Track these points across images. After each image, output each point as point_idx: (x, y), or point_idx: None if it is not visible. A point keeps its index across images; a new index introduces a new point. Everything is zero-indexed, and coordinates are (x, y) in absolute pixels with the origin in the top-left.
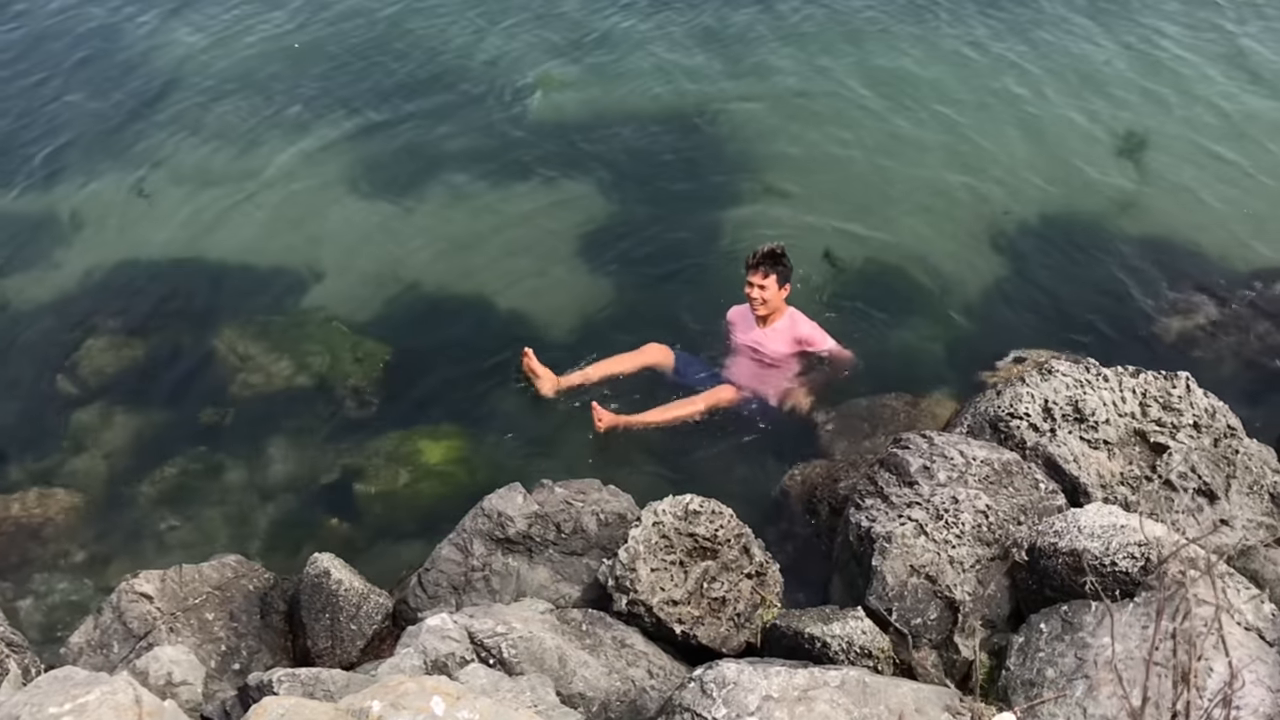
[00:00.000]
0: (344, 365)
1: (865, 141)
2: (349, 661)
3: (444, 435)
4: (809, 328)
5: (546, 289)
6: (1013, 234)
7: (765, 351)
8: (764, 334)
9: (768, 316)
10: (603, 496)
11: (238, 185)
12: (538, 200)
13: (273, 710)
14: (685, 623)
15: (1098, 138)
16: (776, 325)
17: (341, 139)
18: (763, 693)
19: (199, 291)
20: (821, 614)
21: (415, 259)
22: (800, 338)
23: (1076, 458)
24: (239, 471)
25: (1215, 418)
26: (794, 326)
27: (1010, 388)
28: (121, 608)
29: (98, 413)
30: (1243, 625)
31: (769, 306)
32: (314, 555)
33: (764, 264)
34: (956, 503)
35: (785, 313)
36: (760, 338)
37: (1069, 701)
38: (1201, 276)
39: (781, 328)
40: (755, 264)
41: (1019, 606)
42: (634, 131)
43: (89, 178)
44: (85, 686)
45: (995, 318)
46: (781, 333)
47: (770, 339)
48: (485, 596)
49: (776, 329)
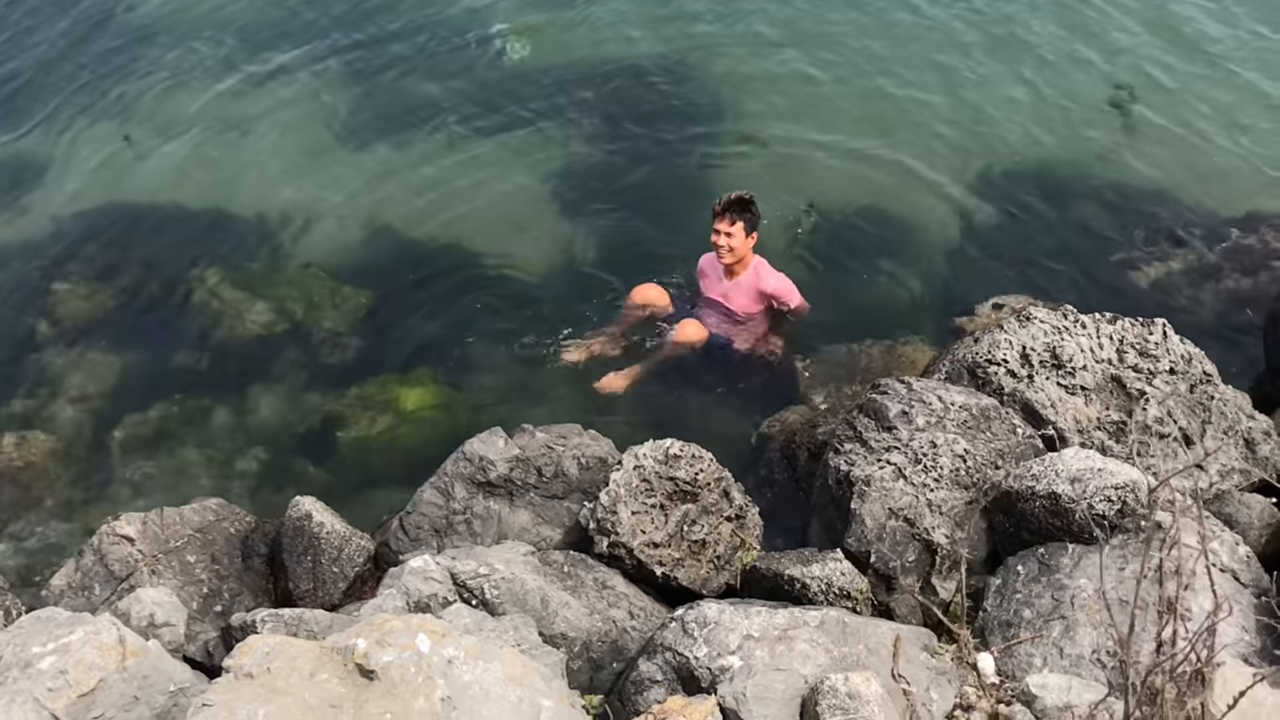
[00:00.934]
0: (323, 311)
1: (845, 89)
2: (331, 603)
3: (424, 380)
4: (776, 281)
5: (524, 235)
6: (994, 182)
7: (732, 307)
8: (731, 286)
9: (734, 267)
10: (584, 441)
11: (215, 132)
12: (515, 147)
13: (258, 648)
14: (666, 565)
15: (1086, 86)
16: (741, 279)
17: (320, 86)
18: (743, 632)
19: (177, 237)
20: (801, 556)
21: (393, 205)
22: (767, 291)
23: (1054, 403)
24: (220, 416)
25: (1191, 364)
26: (760, 279)
27: (988, 334)
28: (103, 550)
29: (76, 358)
30: (1218, 567)
31: (736, 254)
32: (296, 498)
33: (731, 211)
34: (935, 447)
35: (751, 264)
36: (728, 290)
37: (1045, 641)
38: (1180, 225)
39: (747, 281)
40: (722, 211)
41: (997, 549)
42: (610, 78)
43: (65, 123)
44: (69, 626)
45: (975, 265)
46: (747, 286)
47: (737, 293)
48: (466, 539)
49: (741, 283)
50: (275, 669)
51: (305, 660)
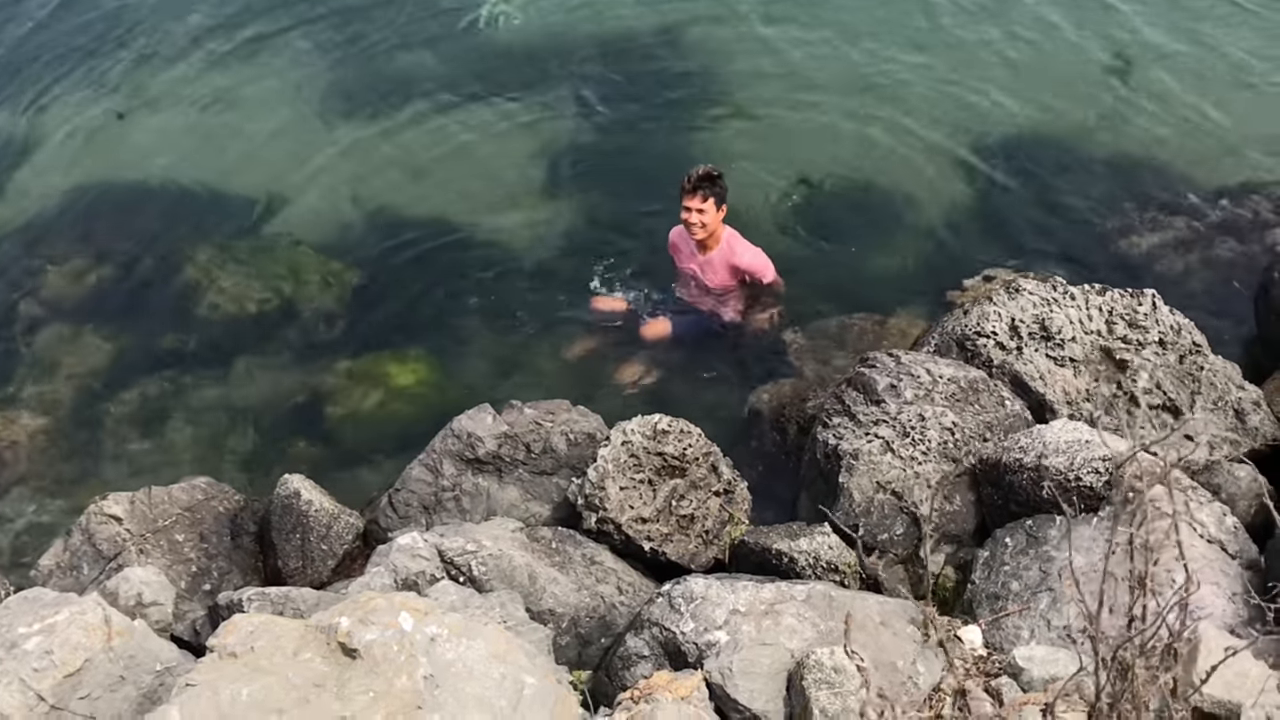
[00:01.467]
0: (312, 288)
1: (837, 60)
2: (320, 581)
3: (413, 357)
4: (750, 256)
5: (515, 209)
6: (986, 152)
7: (708, 281)
8: (704, 261)
9: (707, 241)
10: (572, 417)
11: (203, 108)
12: (506, 120)
13: (243, 627)
14: (654, 540)
15: (1081, 56)
16: (714, 254)
17: (310, 59)
18: (730, 607)
19: (165, 215)
20: (789, 530)
21: (383, 182)
22: (741, 266)
23: (1043, 375)
24: (208, 394)
25: (1181, 334)
26: (734, 253)
27: (978, 306)
28: (91, 530)
29: (64, 336)
30: (1205, 538)
31: (707, 230)
32: (284, 476)
33: (701, 186)
34: (923, 420)
35: (724, 238)
36: (702, 264)
37: (1033, 614)
38: (1173, 195)
39: (720, 256)
40: (692, 188)
41: (984, 521)
42: (600, 52)
43: (50, 101)
44: (54, 607)
45: (966, 236)
46: (721, 261)
47: (710, 268)
48: (455, 516)
49: (714, 258)
50: (259, 648)
51: (289, 639)
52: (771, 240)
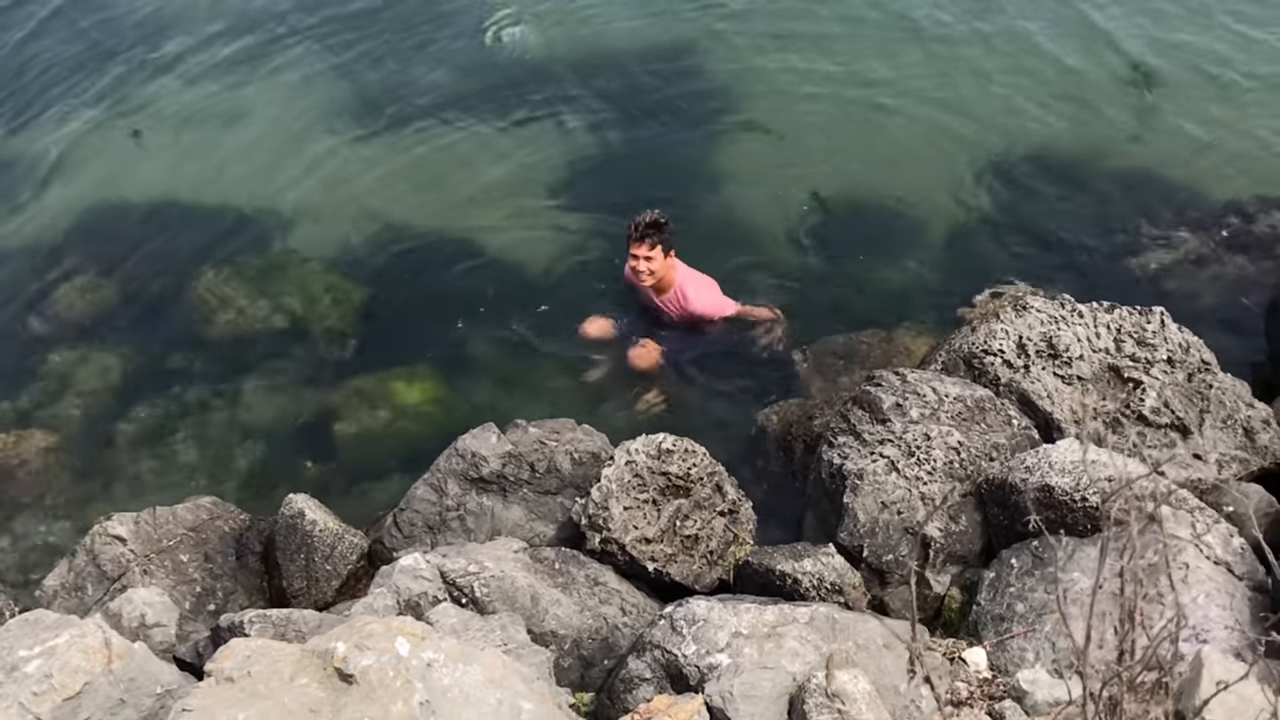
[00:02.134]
0: (320, 307)
1: (847, 76)
2: (324, 601)
3: (419, 376)
4: (703, 303)
5: (524, 228)
6: (996, 169)
7: (670, 315)
8: (662, 300)
9: (659, 285)
10: (576, 436)
11: (214, 127)
12: (515, 138)
13: (240, 651)
14: (658, 560)
15: (1093, 70)
16: (668, 297)
17: (319, 79)
18: (732, 629)
19: (175, 233)
20: (793, 551)
21: (390, 200)
22: (694, 312)
23: (1050, 394)
24: (215, 413)
25: (1189, 353)
26: (685, 299)
27: (985, 324)
28: (95, 550)
29: (73, 355)
30: (1211, 559)
31: (656, 277)
32: (289, 496)
33: (648, 234)
34: (928, 439)
35: (675, 282)
36: (660, 303)
37: (1038, 636)
38: (1185, 211)
39: (675, 300)
40: (639, 236)
41: (990, 542)
42: (612, 68)
43: (62, 121)
44: (54, 630)
45: (975, 253)
46: (677, 306)
47: (669, 306)
48: (460, 536)
49: (668, 301)
50: (256, 673)
51: (286, 664)
52: (780, 255)
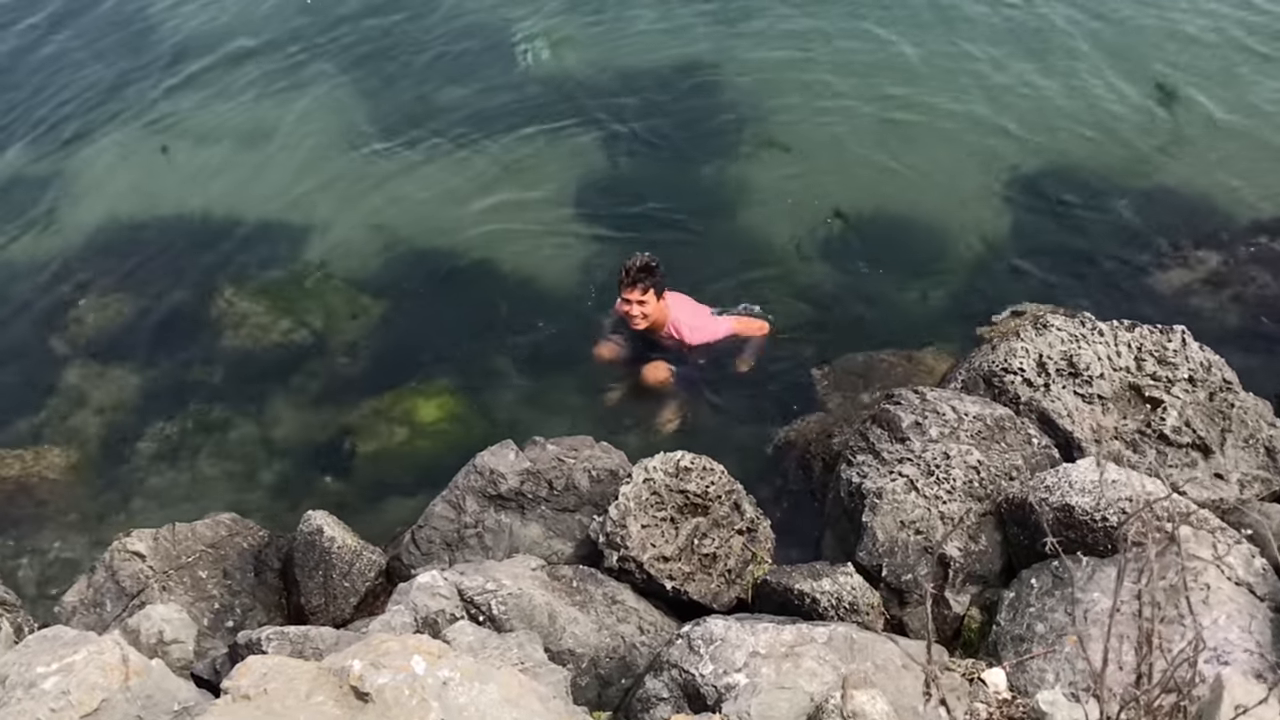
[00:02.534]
0: (339, 323)
1: (867, 94)
2: (342, 618)
3: (438, 392)
4: (700, 337)
5: (544, 246)
6: (1016, 187)
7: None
8: (657, 337)
9: (652, 326)
10: (595, 453)
11: (235, 143)
12: (536, 157)
13: (256, 669)
14: (676, 579)
15: (1118, 88)
16: (662, 334)
17: (343, 96)
18: (750, 649)
19: (195, 249)
20: (812, 570)
21: (413, 216)
22: (695, 345)
23: (1070, 413)
24: (234, 429)
25: (1211, 371)
26: (683, 336)
27: (1005, 343)
28: (114, 566)
29: (93, 371)
30: (1233, 580)
31: (648, 320)
32: (308, 513)
33: (640, 279)
34: (948, 458)
35: (668, 321)
36: (656, 338)
37: (1058, 657)
38: (1208, 229)
39: (670, 338)
40: (630, 282)
41: (1010, 562)
42: (633, 86)
43: (83, 137)
44: (73, 646)
45: (997, 271)
46: (673, 344)
47: (664, 342)
48: (478, 553)
49: (662, 337)
50: (272, 690)
51: (302, 681)
52: (801, 273)
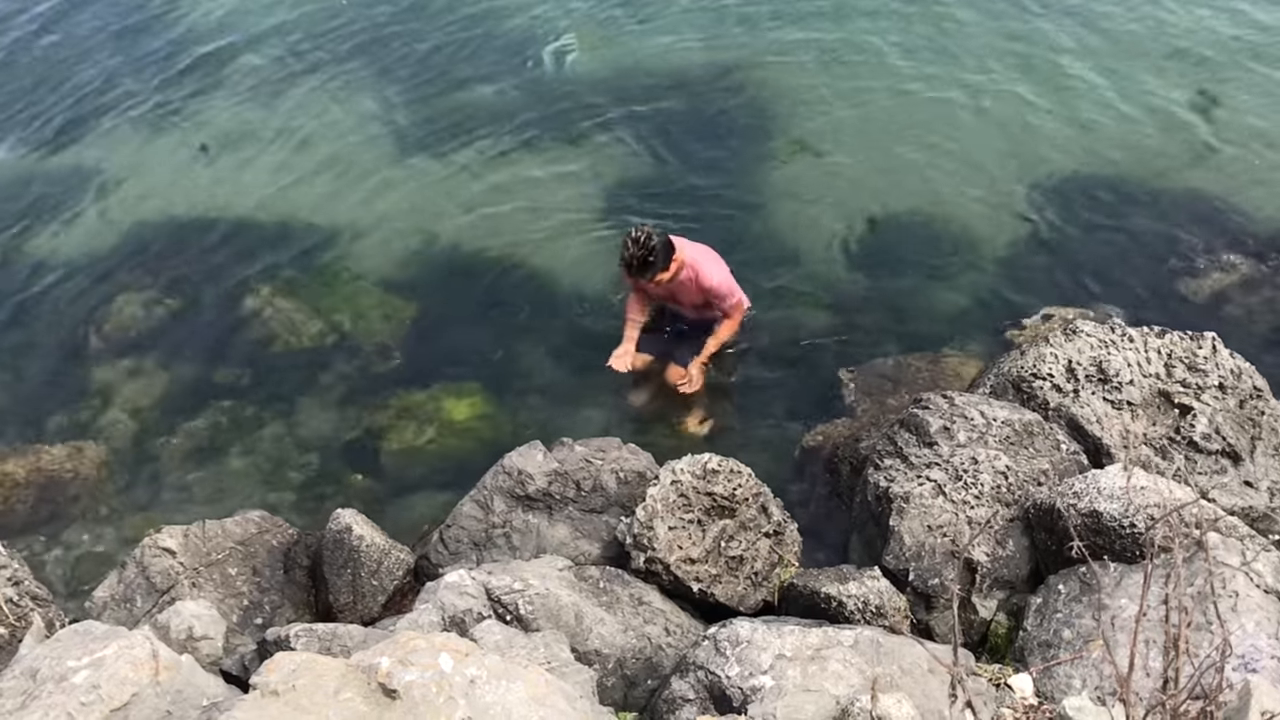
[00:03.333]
0: (372, 322)
1: (899, 97)
2: (370, 616)
3: (468, 393)
4: (717, 278)
5: (575, 248)
6: (1047, 191)
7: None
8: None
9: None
10: (622, 455)
11: (270, 143)
12: (568, 159)
13: (284, 665)
14: (702, 581)
15: (1149, 95)
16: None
17: (377, 99)
18: (776, 651)
19: (230, 248)
20: (838, 573)
21: (445, 217)
22: (708, 286)
23: (1099, 418)
24: (265, 427)
25: (1241, 379)
26: (700, 275)
27: (1034, 348)
28: (145, 562)
29: (127, 368)
30: (1262, 588)
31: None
32: (336, 511)
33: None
34: (976, 463)
35: (686, 264)
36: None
37: (1085, 663)
38: (1241, 234)
39: (688, 278)
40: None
41: (1038, 567)
42: (665, 90)
43: (120, 134)
44: (103, 641)
45: (1026, 275)
46: (689, 285)
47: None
48: (505, 553)
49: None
50: (300, 686)
51: (330, 678)
52: (830, 275)
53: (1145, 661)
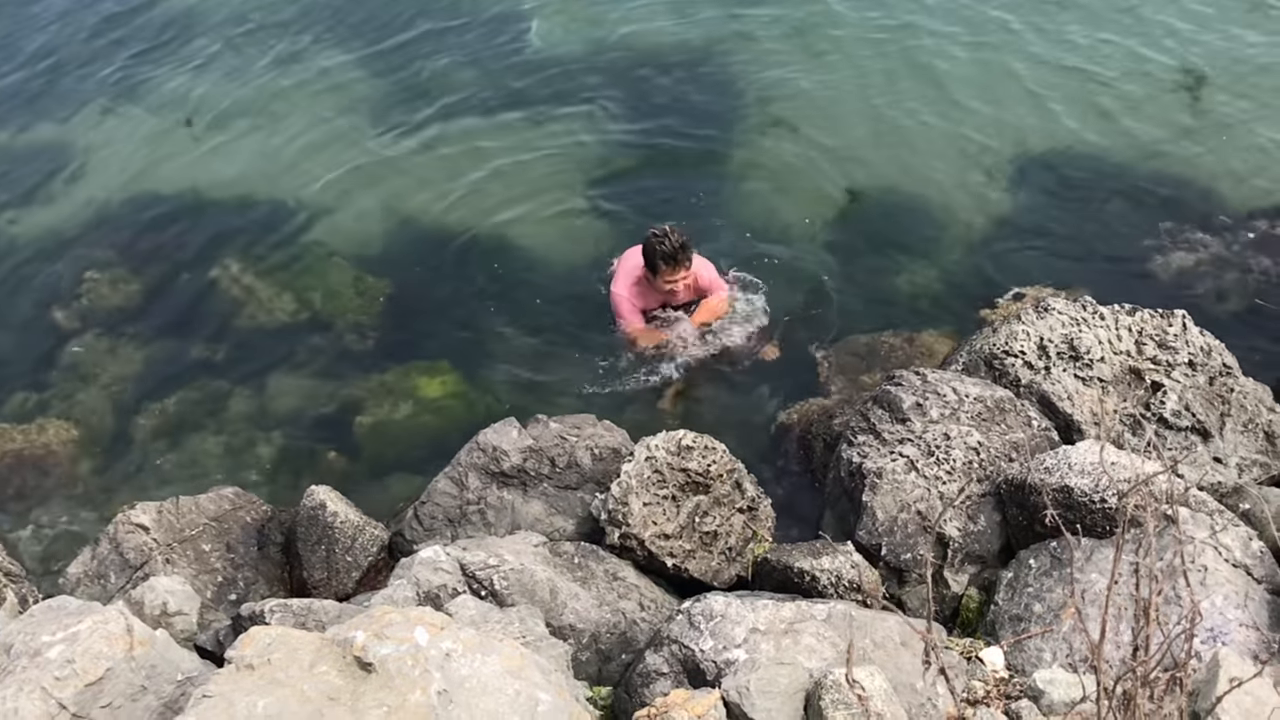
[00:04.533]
0: (345, 300)
1: (874, 74)
2: (344, 593)
3: (442, 370)
4: (708, 273)
5: (548, 223)
6: (1020, 171)
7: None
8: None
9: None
10: (597, 431)
11: (243, 122)
12: (540, 134)
13: (260, 639)
14: (677, 556)
15: (1121, 77)
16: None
17: (345, 74)
18: (749, 625)
19: (200, 226)
20: (811, 549)
21: (419, 194)
22: (702, 284)
23: (1070, 395)
24: (239, 404)
25: (1211, 356)
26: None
27: (1006, 325)
28: (118, 539)
29: (99, 345)
30: (1230, 562)
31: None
32: (311, 488)
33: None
34: (948, 439)
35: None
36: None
37: (1055, 636)
38: (1207, 215)
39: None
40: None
41: (1009, 542)
42: (638, 64)
43: (94, 112)
44: (77, 616)
45: (1000, 254)
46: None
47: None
48: (480, 529)
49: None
50: (276, 660)
51: (305, 652)
52: (805, 253)
53: (1116, 634)
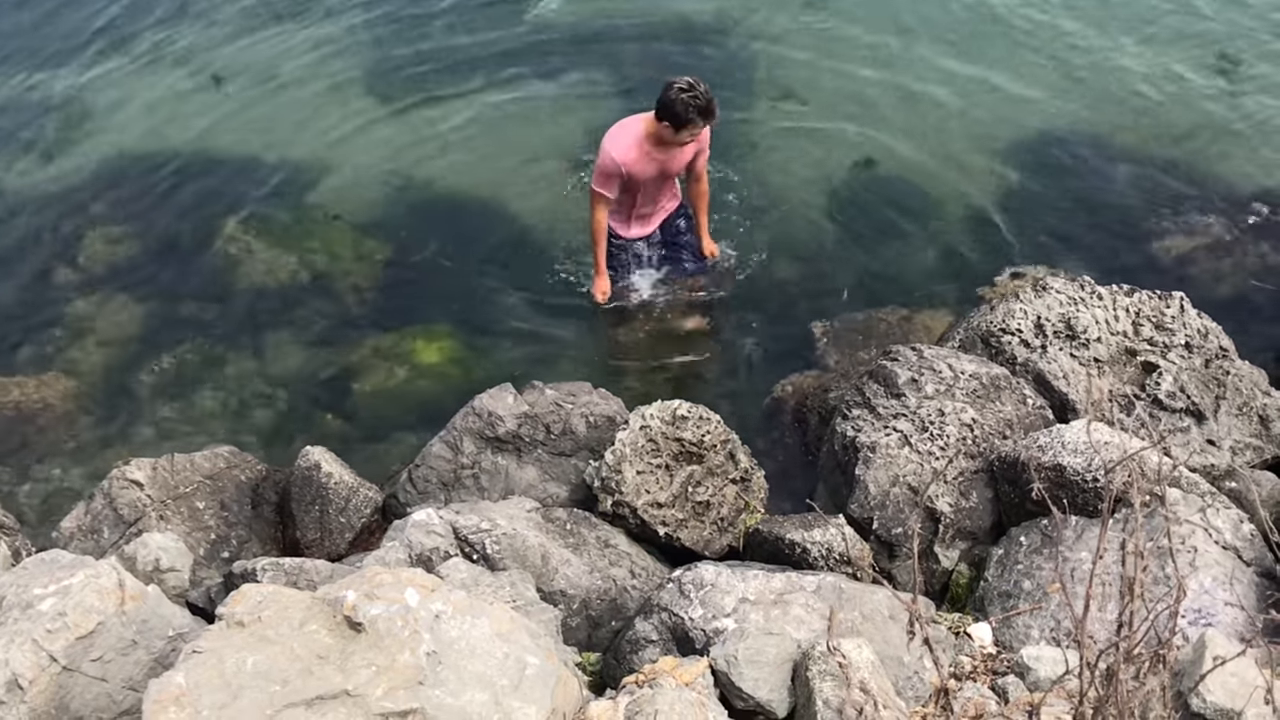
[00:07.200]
0: (344, 263)
1: (880, 51)
2: (337, 553)
3: (440, 335)
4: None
5: (549, 192)
6: (1022, 150)
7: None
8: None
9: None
10: (592, 399)
11: (246, 82)
12: (544, 102)
13: (251, 597)
14: (669, 525)
15: (1126, 58)
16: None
17: (351, 37)
18: (739, 595)
19: (205, 185)
20: (803, 520)
21: (420, 158)
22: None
23: (1066, 374)
24: (236, 364)
25: (1207, 339)
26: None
27: (1004, 303)
28: (112, 494)
29: (98, 301)
30: (1220, 544)
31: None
32: (305, 448)
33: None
34: (942, 415)
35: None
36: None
37: (1044, 613)
38: (1208, 198)
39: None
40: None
41: (1001, 519)
42: (645, 33)
43: (95, 68)
44: (70, 569)
45: (1000, 233)
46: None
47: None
48: (474, 494)
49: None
50: (266, 618)
51: (296, 610)
52: (805, 228)
53: (1104, 612)
